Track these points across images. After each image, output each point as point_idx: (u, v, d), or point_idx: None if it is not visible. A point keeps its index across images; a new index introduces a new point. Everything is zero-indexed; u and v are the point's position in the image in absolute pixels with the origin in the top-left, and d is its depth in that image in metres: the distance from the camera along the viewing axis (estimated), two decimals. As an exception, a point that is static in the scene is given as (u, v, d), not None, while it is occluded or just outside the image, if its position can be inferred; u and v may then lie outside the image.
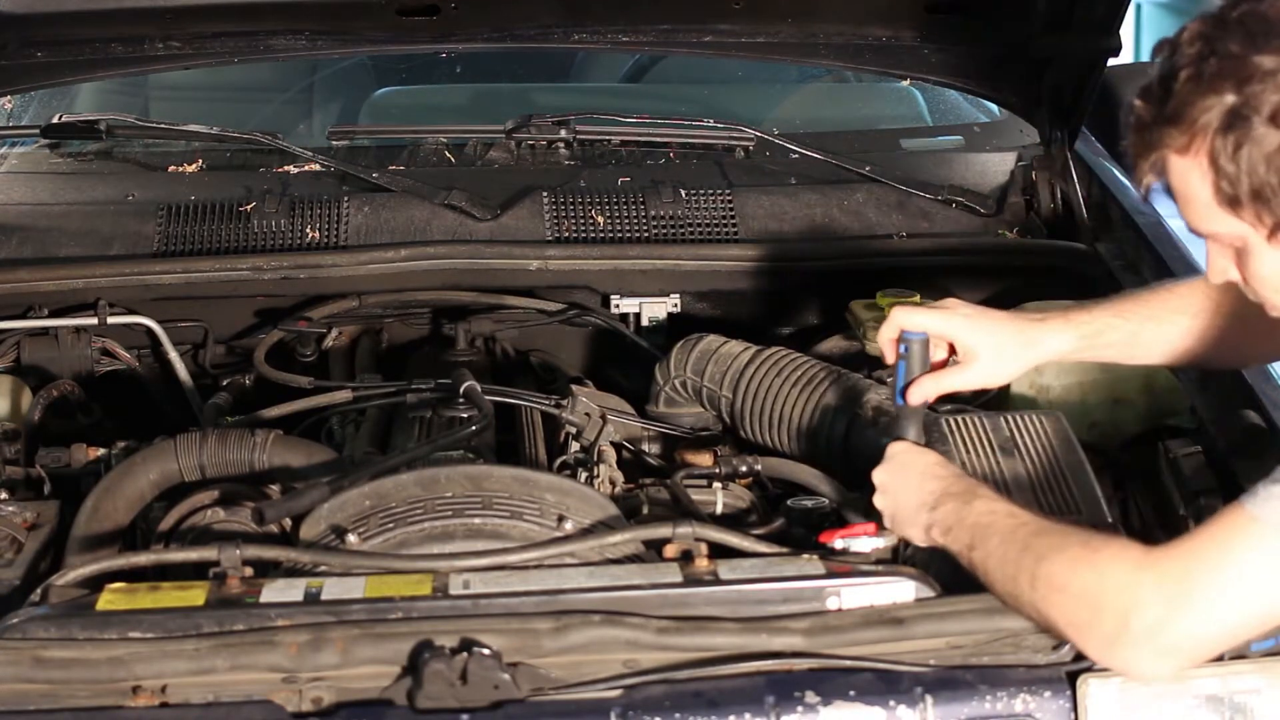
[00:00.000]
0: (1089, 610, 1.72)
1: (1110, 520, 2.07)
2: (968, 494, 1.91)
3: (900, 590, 1.90)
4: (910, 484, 1.98)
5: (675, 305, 2.91)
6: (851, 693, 1.80)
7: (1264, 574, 1.66)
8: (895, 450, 2.05)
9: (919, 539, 1.96)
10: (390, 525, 2.09)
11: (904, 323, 2.08)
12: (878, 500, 2.02)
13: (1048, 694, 1.82)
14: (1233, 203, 1.66)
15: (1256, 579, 1.67)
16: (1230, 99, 1.62)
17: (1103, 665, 1.79)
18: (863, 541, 2.01)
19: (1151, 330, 2.12)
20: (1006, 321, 2.11)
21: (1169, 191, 1.75)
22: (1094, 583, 1.72)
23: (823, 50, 2.97)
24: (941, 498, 1.92)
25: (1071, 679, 1.83)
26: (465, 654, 1.77)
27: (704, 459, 2.53)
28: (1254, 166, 1.63)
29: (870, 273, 2.83)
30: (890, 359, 2.10)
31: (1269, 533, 1.65)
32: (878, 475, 2.03)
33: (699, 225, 2.92)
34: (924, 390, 2.07)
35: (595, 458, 2.42)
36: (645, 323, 2.91)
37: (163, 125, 3.24)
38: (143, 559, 2.06)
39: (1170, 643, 1.69)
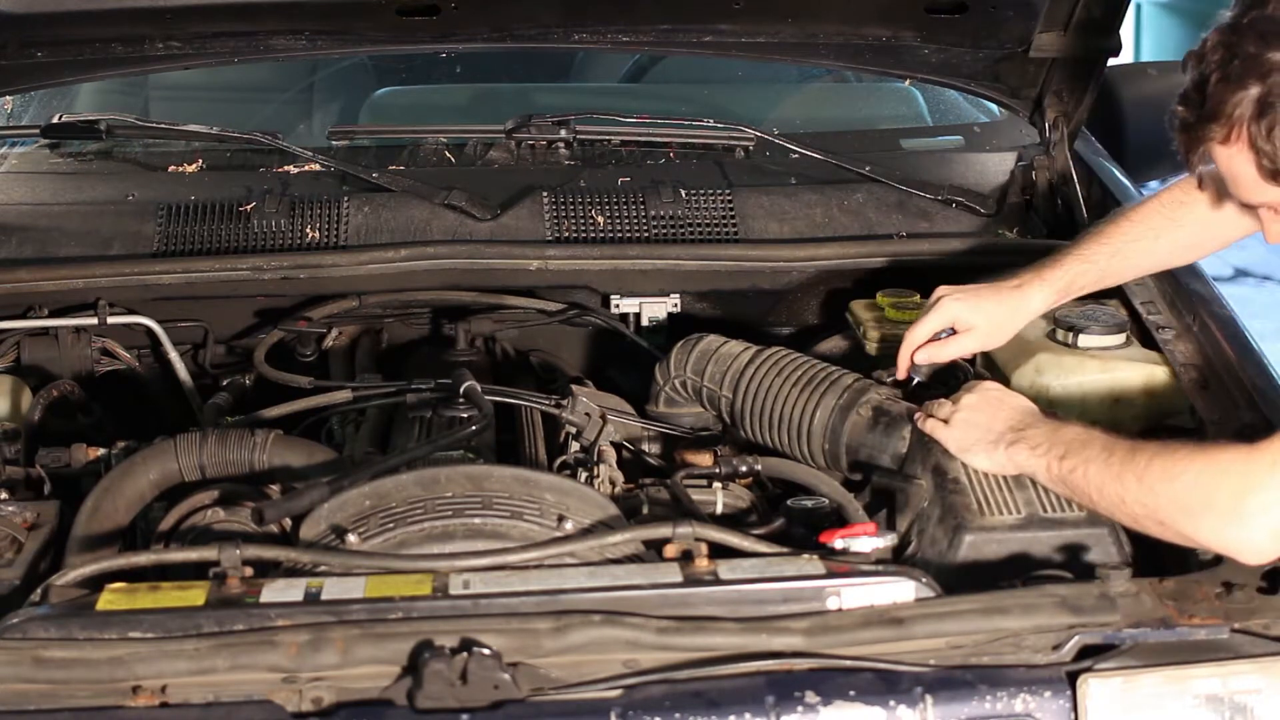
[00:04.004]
0: (1203, 493, 1.82)
1: (1109, 521, 2.08)
2: (1061, 420, 2.09)
3: (900, 590, 1.90)
4: (1001, 409, 2.13)
5: (675, 305, 2.91)
6: (851, 693, 1.80)
7: None
8: (983, 384, 2.21)
9: (991, 459, 2.10)
10: (390, 525, 2.09)
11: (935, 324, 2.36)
12: (957, 419, 2.14)
13: (1048, 694, 1.82)
14: (1274, 176, 1.88)
15: None
16: (1255, 91, 1.86)
17: (1214, 550, 1.88)
18: (863, 541, 2.00)
19: (1119, 263, 2.39)
20: (992, 297, 2.37)
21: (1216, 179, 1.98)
22: (1208, 468, 1.84)
23: (823, 50, 2.97)
24: (1033, 419, 2.10)
25: (1071, 679, 1.82)
26: (465, 654, 1.77)
27: (704, 459, 2.52)
28: None
29: (870, 273, 2.83)
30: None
31: None
32: (963, 398, 2.17)
33: (699, 225, 2.92)
34: (930, 354, 2.35)
35: (595, 458, 2.42)
36: (645, 323, 2.91)
37: (163, 125, 3.23)
38: (143, 559, 2.06)
39: None
